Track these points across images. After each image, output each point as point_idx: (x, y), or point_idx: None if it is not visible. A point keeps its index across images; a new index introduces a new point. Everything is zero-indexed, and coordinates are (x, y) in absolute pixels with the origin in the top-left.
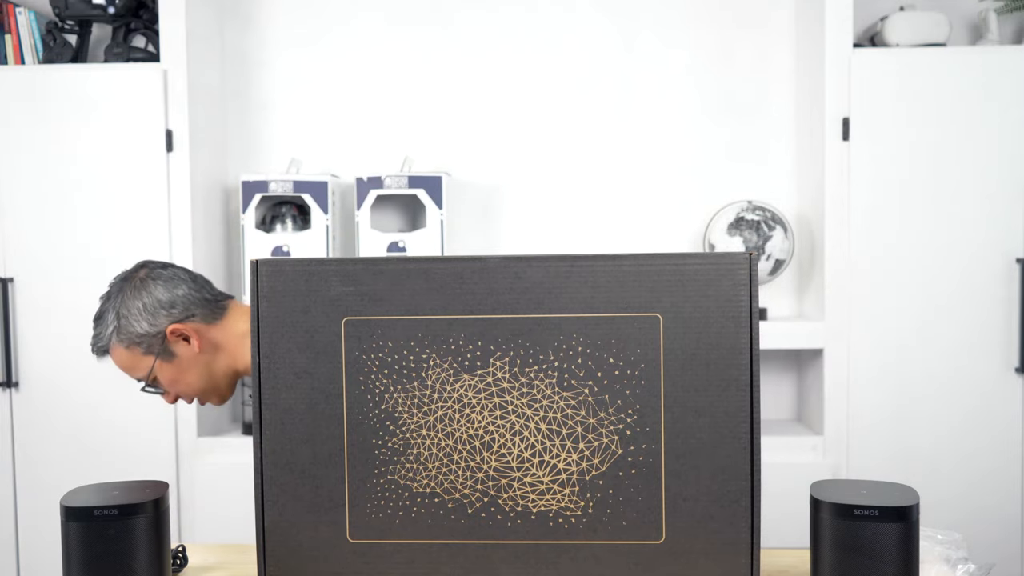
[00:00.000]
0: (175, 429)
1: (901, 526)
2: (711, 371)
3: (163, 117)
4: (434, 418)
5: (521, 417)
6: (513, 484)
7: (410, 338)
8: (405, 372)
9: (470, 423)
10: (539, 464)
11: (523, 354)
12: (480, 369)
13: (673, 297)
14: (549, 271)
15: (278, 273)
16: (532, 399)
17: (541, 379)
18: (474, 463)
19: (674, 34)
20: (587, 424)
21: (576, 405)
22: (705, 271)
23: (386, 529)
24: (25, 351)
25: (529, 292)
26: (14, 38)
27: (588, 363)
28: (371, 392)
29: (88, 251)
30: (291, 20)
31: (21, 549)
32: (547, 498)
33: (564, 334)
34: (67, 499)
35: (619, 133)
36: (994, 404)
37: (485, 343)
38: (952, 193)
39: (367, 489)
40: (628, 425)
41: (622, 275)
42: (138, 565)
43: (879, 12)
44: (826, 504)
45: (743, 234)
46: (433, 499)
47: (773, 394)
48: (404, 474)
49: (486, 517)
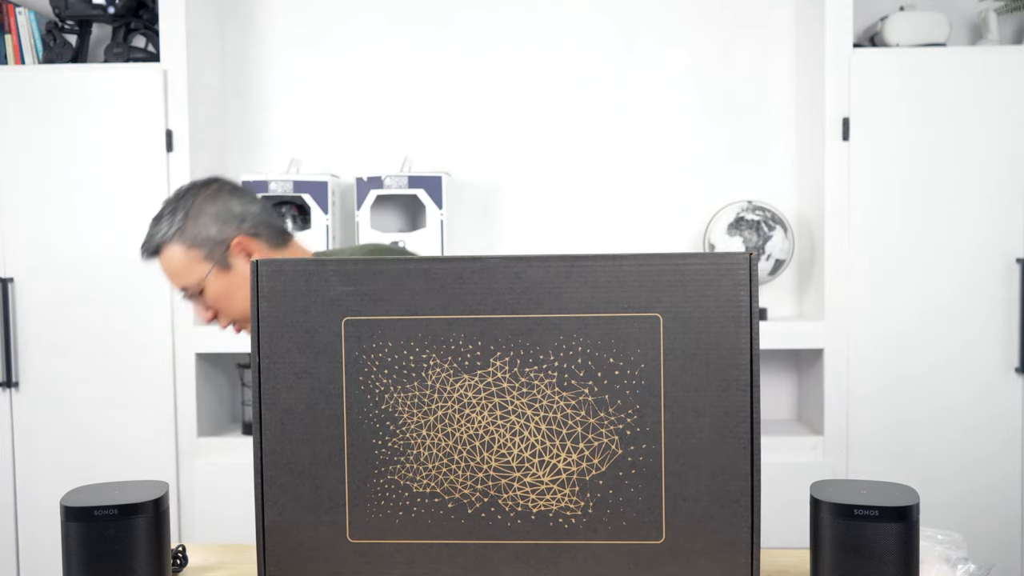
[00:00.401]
0: (175, 429)
1: (901, 526)
2: (711, 371)
3: (163, 117)
4: (434, 418)
5: (521, 417)
6: (513, 484)
7: (410, 338)
8: (405, 372)
9: (470, 423)
10: (539, 464)
11: (523, 354)
12: (480, 369)
13: (673, 297)
14: (549, 271)
15: (278, 273)
16: (532, 399)
17: (541, 379)
18: (474, 463)
19: (674, 34)
20: (587, 424)
21: (576, 405)
22: (705, 271)
23: (386, 529)
24: (25, 351)
25: (529, 292)
26: (14, 38)
27: (588, 363)
28: (371, 392)
29: (88, 251)
30: (291, 20)
31: (21, 549)
32: (547, 498)
33: (564, 334)
34: (67, 499)
35: (619, 133)
36: (994, 404)
37: (485, 343)
38: (952, 193)
39: (367, 489)
40: (628, 425)
41: (622, 275)
42: (138, 565)
43: (879, 12)
44: (826, 504)
45: (743, 234)
46: (433, 499)
47: (773, 394)
48: (404, 474)
49: (486, 517)
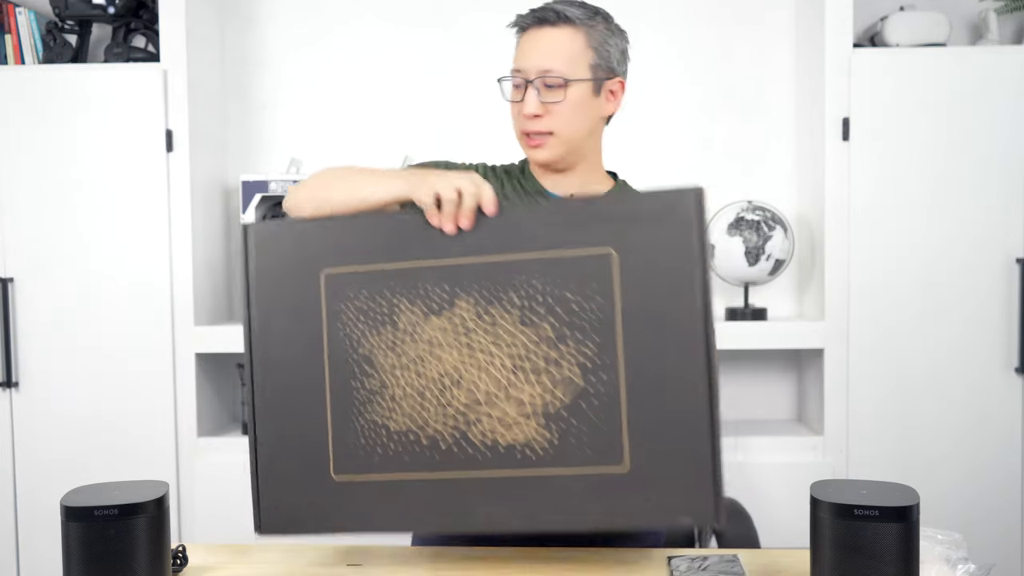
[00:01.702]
0: (175, 429)
1: (901, 526)
2: (665, 303)
3: (163, 117)
4: (407, 359)
5: (486, 354)
6: (482, 419)
7: (382, 286)
8: (379, 317)
9: (440, 362)
10: (506, 398)
11: (486, 295)
12: (447, 311)
13: (626, 234)
14: (508, 216)
15: (264, 234)
16: (496, 337)
17: (504, 317)
18: (445, 400)
19: (674, 33)
20: (549, 357)
21: (538, 340)
22: (655, 208)
23: (367, 466)
24: (25, 351)
25: (490, 236)
26: (14, 38)
27: (548, 300)
28: (349, 338)
29: (88, 251)
30: (291, 20)
31: (21, 549)
32: (514, 431)
33: (525, 273)
34: (67, 499)
35: (618, 133)
36: (994, 404)
37: (451, 286)
38: (952, 193)
39: (348, 429)
40: (588, 357)
41: (576, 215)
42: (138, 565)
43: (879, 12)
44: (826, 504)
45: (743, 234)
46: (408, 436)
47: (773, 394)
48: (381, 413)
49: (458, 452)
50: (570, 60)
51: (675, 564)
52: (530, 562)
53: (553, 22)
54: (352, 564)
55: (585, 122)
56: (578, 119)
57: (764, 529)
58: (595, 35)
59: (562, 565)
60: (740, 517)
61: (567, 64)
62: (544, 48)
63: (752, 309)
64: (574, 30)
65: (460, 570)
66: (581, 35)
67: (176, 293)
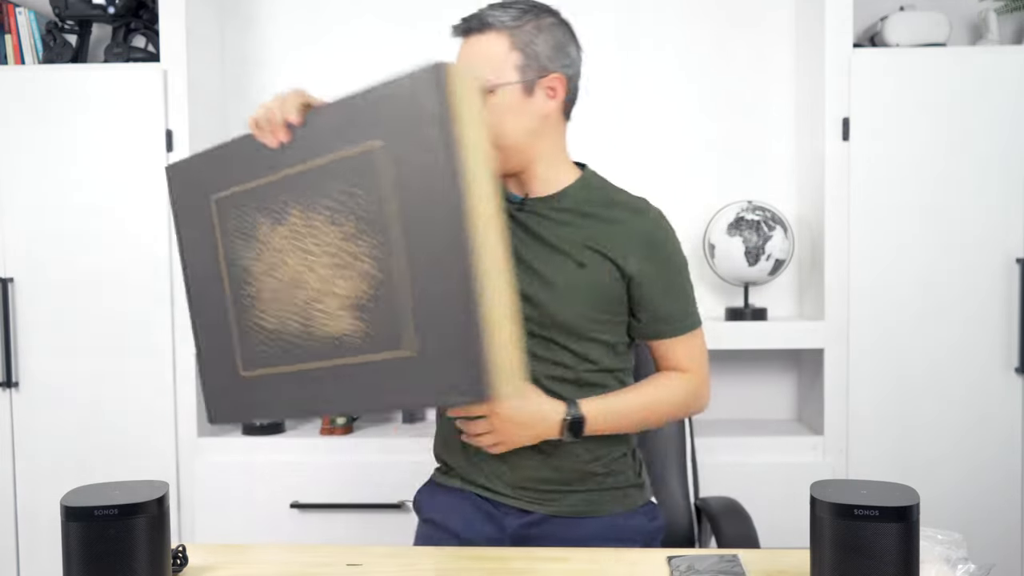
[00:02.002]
0: (175, 429)
1: (901, 526)
2: (428, 190)
3: (163, 117)
4: (266, 266)
5: (314, 256)
6: (318, 314)
7: (244, 204)
8: (247, 232)
9: (286, 266)
10: (330, 294)
11: (306, 201)
12: (287, 221)
13: (390, 125)
14: (310, 124)
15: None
16: (317, 239)
17: (321, 220)
18: (292, 300)
19: (674, 33)
20: (354, 253)
21: (343, 237)
22: (401, 95)
23: (258, 362)
24: (25, 351)
25: (303, 144)
26: (14, 38)
27: (344, 199)
28: (234, 252)
29: (88, 251)
30: (291, 20)
31: (21, 549)
32: (339, 323)
33: (328, 176)
34: (67, 499)
35: (618, 133)
36: (994, 404)
37: (285, 197)
38: (952, 193)
39: (244, 331)
40: (379, 249)
41: (347, 113)
42: (138, 565)
43: (879, 12)
44: (826, 504)
45: (743, 234)
46: (277, 333)
47: (773, 394)
48: (258, 316)
49: (308, 345)
50: (494, 65)
51: (675, 564)
52: (530, 562)
53: (478, 29)
54: (352, 564)
55: (519, 124)
56: (510, 123)
57: (764, 529)
58: (520, 36)
59: (562, 565)
60: (740, 517)
61: (491, 70)
62: (469, 56)
63: (752, 309)
64: (497, 34)
65: (460, 570)
66: (504, 38)
67: (176, 293)
